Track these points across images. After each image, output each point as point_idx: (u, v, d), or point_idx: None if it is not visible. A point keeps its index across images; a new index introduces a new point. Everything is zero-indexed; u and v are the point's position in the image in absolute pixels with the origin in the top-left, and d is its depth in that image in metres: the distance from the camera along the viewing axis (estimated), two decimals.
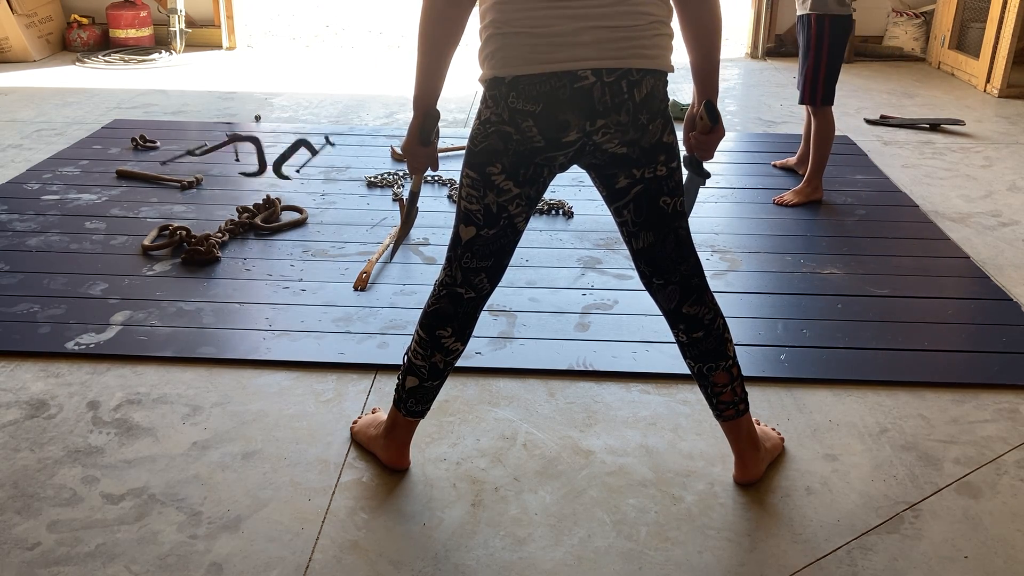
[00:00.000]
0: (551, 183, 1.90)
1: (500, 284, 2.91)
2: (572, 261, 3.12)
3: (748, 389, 2.36)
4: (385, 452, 2.07)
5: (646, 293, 2.86)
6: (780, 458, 2.11)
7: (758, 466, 2.03)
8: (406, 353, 2.00)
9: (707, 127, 1.95)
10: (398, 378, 2.02)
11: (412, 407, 2.00)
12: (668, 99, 1.82)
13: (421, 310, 1.96)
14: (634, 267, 1.98)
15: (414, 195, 2.12)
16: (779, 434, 2.17)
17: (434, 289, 1.94)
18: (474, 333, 2.60)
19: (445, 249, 1.95)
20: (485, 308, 2.74)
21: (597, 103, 1.72)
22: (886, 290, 2.92)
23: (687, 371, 2.43)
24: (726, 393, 1.97)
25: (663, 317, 2.02)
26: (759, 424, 2.16)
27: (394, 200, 3.64)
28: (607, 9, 1.71)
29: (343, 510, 1.94)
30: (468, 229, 1.85)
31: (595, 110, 1.72)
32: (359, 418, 2.20)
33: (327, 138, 4.26)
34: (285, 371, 2.46)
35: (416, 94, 1.87)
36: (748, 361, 2.50)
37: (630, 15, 1.72)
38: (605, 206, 2.01)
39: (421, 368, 1.96)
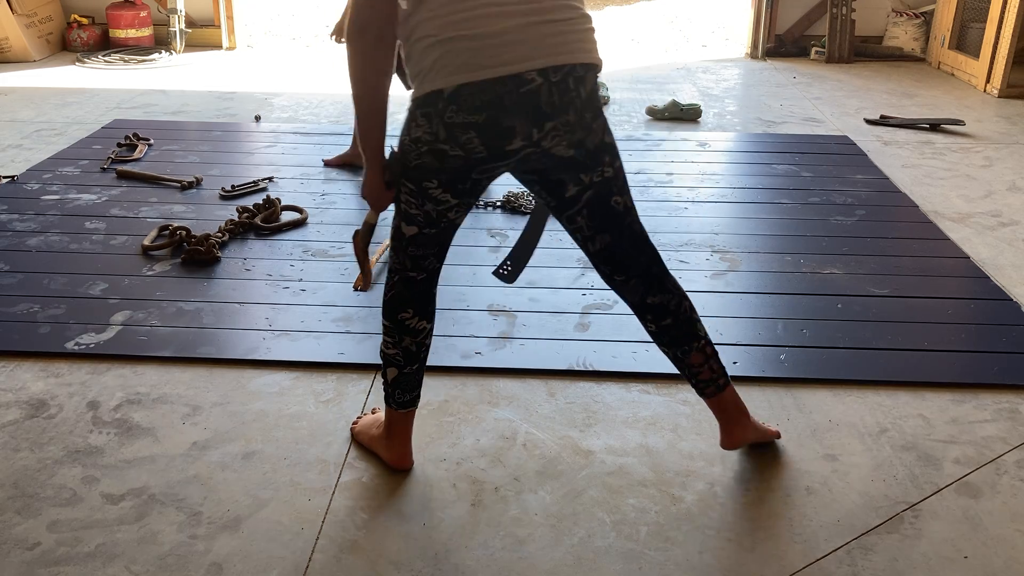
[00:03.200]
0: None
1: (500, 284, 2.93)
2: (572, 261, 3.12)
3: (748, 389, 2.37)
4: (387, 452, 2.07)
5: None
6: (777, 457, 2.11)
7: (745, 432, 2.04)
8: (380, 349, 2.01)
9: None
10: (381, 375, 2.03)
11: (400, 398, 2.01)
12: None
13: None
14: (596, 268, 1.97)
15: (370, 227, 2.01)
16: (776, 430, 2.18)
17: (387, 277, 1.96)
18: (474, 333, 2.62)
19: (390, 235, 1.94)
20: (485, 308, 2.77)
21: (544, 105, 1.68)
22: (886, 290, 2.92)
23: None
24: (704, 372, 1.98)
25: (632, 309, 2.00)
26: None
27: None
28: (543, 4, 1.68)
29: (343, 510, 1.94)
30: (410, 228, 1.85)
31: (542, 113, 1.68)
32: (359, 418, 2.20)
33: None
34: (285, 371, 2.46)
35: (366, 143, 1.79)
36: (748, 361, 2.50)
37: (563, 8, 1.70)
38: None
39: (396, 356, 1.97)
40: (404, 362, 1.98)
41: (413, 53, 1.71)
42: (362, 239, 2.03)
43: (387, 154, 1.82)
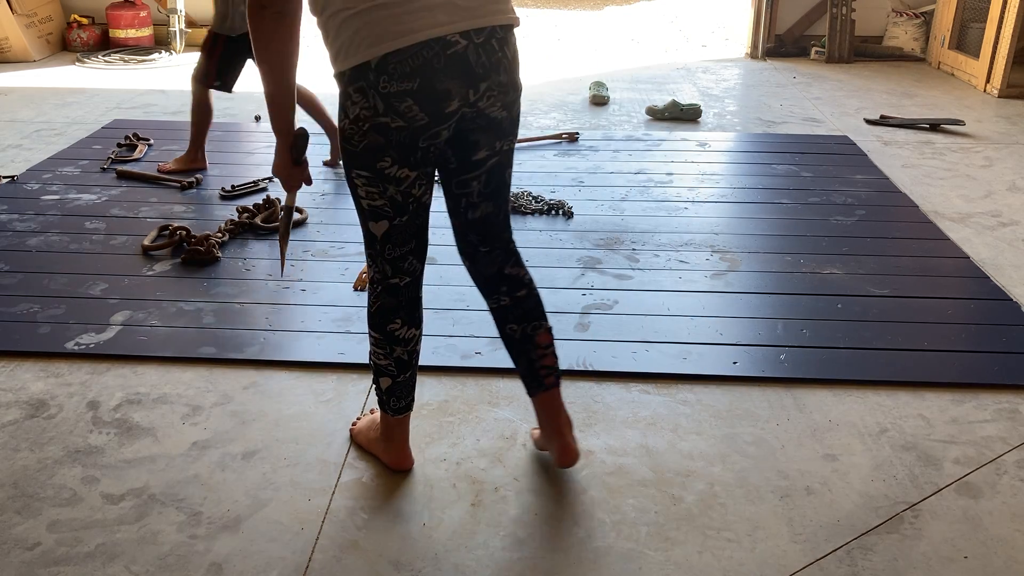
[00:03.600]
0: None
1: None
2: (572, 261, 3.12)
3: (748, 389, 2.37)
4: (387, 455, 2.07)
5: (646, 293, 2.88)
6: (777, 457, 2.11)
7: (576, 444, 2.02)
8: (370, 358, 2.00)
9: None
10: (374, 383, 2.02)
11: (395, 405, 2.01)
12: None
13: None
14: (457, 240, 1.97)
15: (289, 209, 2.06)
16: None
17: (369, 289, 1.93)
18: (474, 333, 2.62)
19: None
20: (485, 308, 2.75)
21: (476, 66, 1.69)
22: (886, 290, 2.92)
23: (687, 371, 2.44)
24: (548, 356, 1.98)
25: (482, 286, 2.00)
26: None
27: None
28: None
29: (343, 510, 1.94)
30: (380, 224, 1.83)
31: (475, 74, 1.69)
32: (358, 419, 2.20)
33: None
34: (285, 371, 2.46)
35: (274, 121, 1.82)
36: (748, 361, 2.50)
37: None
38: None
39: (388, 367, 1.96)
40: (397, 371, 1.97)
41: (329, 29, 1.69)
42: (283, 224, 2.06)
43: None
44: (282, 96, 1.79)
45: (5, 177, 3.85)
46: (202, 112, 3.93)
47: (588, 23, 8.73)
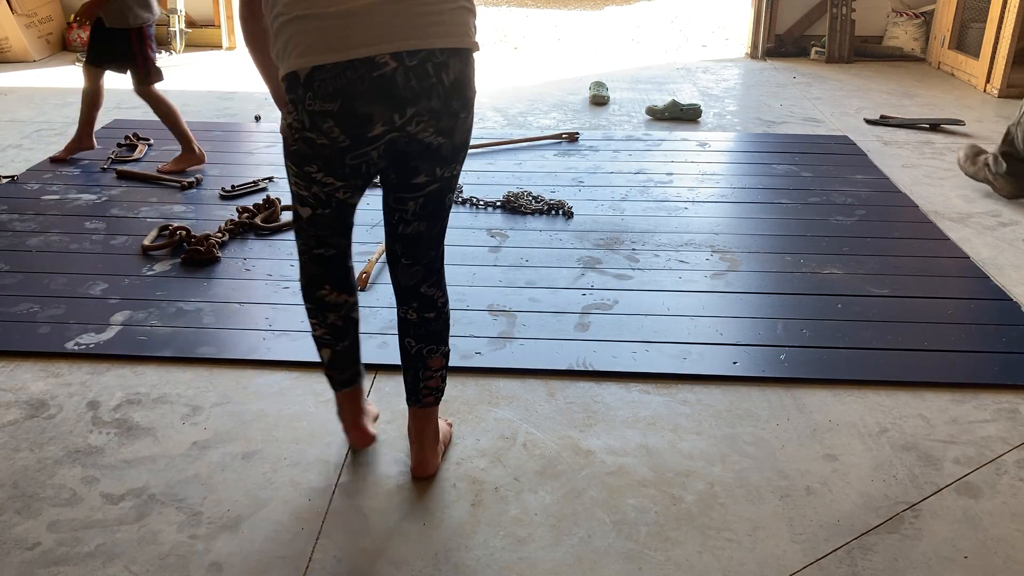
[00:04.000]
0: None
1: (500, 284, 2.93)
2: (572, 261, 3.12)
3: (748, 389, 2.37)
4: (346, 435, 2.10)
5: (646, 293, 2.88)
6: (777, 457, 2.11)
7: (436, 459, 2.04)
8: (312, 336, 2.04)
9: None
10: (320, 362, 2.06)
11: (339, 377, 2.04)
12: (475, 86, 1.76)
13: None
14: (385, 243, 1.97)
15: None
16: (448, 423, 2.19)
17: (299, 263, 1.97)
18: (474, 333, 2.62)
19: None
20: (485, 308, 2.77)
21: (403, 90, 1.63)
22: (886, 290, 2.92)
23: (687, 371, 2.44)
24: (434, 379, 1.98)
25: (397, 293, 1.98)
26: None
27: None
28: None
29: (343, 510, 1.94)
30: (305, 209, 1.85)
31: (402, 98, 1.64)
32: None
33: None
34: (285, 371, 2.46)
35: (273, 95, 1.95)
36: (748, 361, 2.50)
37: None
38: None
39: (325, 336, 2.00)
40: (334, 339, 2.00)
41: (272, 31, 1.71)
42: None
43: None
44: (269, 79, 1.93)
45: (5, 177, 3.85)
46: (94, 97, 4.06)
47: (588, 23, 8.73)
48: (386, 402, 2.30)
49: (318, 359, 2.49)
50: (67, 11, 6.70)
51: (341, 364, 2.03)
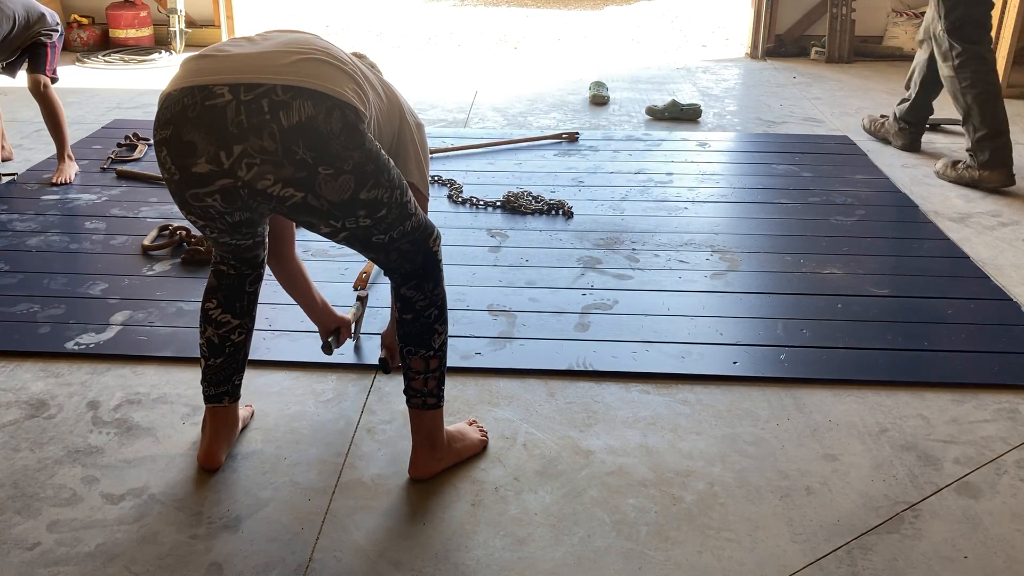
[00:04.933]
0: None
1: (500, 284, 2.93)
2: (572, 261, 3.12)
3: (748, 389, 2.37)
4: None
5: (646, 293, 2.88)
6: (777, 457, 2.11)
7: (428, 465, 2.01)
8: None
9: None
10: None
11: (206, 391, 2.04)
12: (363, 140, 1.65)
13: None
14: None
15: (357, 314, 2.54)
16: (483, 435, 2.14)
17: None
18: (474, 333, 2.62)
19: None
20: (485, 308, 2.77)
21: (230, 124, 1.56)
22: (886, 290, 2.92)
23: (687, 371, 2.45)
24: (417, 380, 1.95)
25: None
26: (471, 423, 2.16)
27: None
28: (288, 39, 1.67)
29: (343, 510, 1.94)
30: (197, 221, 1.81)
31: (228, 133, 1.56)
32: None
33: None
34: (285, 371, 2.46)
35: (313, 319, 2.36)
36: (748, 361, 2.50)
37: (306, 44, 1.67)
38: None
39: (202, 347, 2.01)
40: (208, 353, 2.01)
41: None
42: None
43: None
44: (307, 311, 2.35)
45: (6, 175, 3.85)
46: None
47: (588, 23, 8.73)
48: (386, 402, 2.30)
49: (318, 359, 2.50)
50: (67, 11, 6.70)
51: (209, 379, 2.03)
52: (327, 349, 2.34)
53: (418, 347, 1.93)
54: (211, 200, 1.68)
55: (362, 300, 2.62)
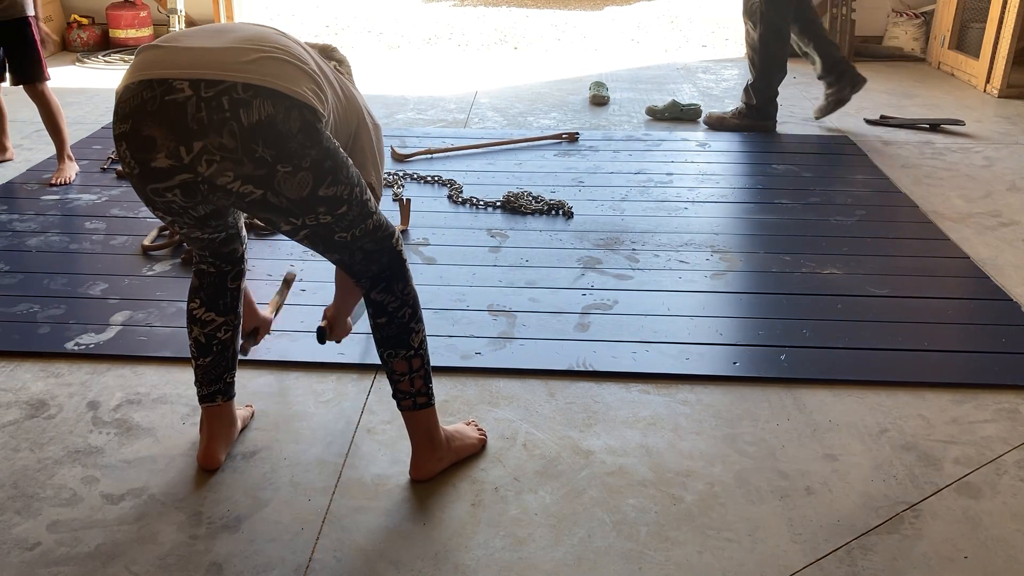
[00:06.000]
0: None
1: (500, 284, 2.93)
2: (572, 261, 3.12)
3: (748, 389, 2.37)
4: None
5: (646, 293, 2.88)
6: (777, 457, 2.11)
7: (429, 465, 2.01)
8: None
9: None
10: None
11: (199, 391, 2.05)
12: (321, 139, 1.65)
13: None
14: None
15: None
16: (481, 434, 2.14)
17: None
18: (474, 333, 2.62)
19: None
20: (485, 308, 2.77)
21: (191, 120, 1.56)
22: (886, 290, 2.92)
23: (687, 371, 2.45)
24: (403, 382, 1.95)
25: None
26: (469, 423, 2.16)
27: (394, 200, 3.65)
28: (247, 35, 1.66)
29: (343, 510, 1.94)
30: (166, 216, 1.80)
31: (188, 129, 1.56)
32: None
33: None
34: (285, 371, 2.46)
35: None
36: (748, 361, 2.50)
37: (266, 41, 1.66)
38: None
39: (191, 348, 2.03)
40: (197, 353, 2.02)
41: None
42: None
43: None
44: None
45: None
46: None
47: (588, 23, 8.73)
48: (386, 402, 2.30)
49: (318, 359, 2.50)
50: (67, 11, 6.70)
51: (201, 379, 2.04)
52: (242, 351, 2.27)
53: (398, 348, 1.92)
54: (171, 195, 1.68)
55: (287, 282, 2.57)
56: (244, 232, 2.04)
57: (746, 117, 4.72)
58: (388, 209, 3.58)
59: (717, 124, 4.77)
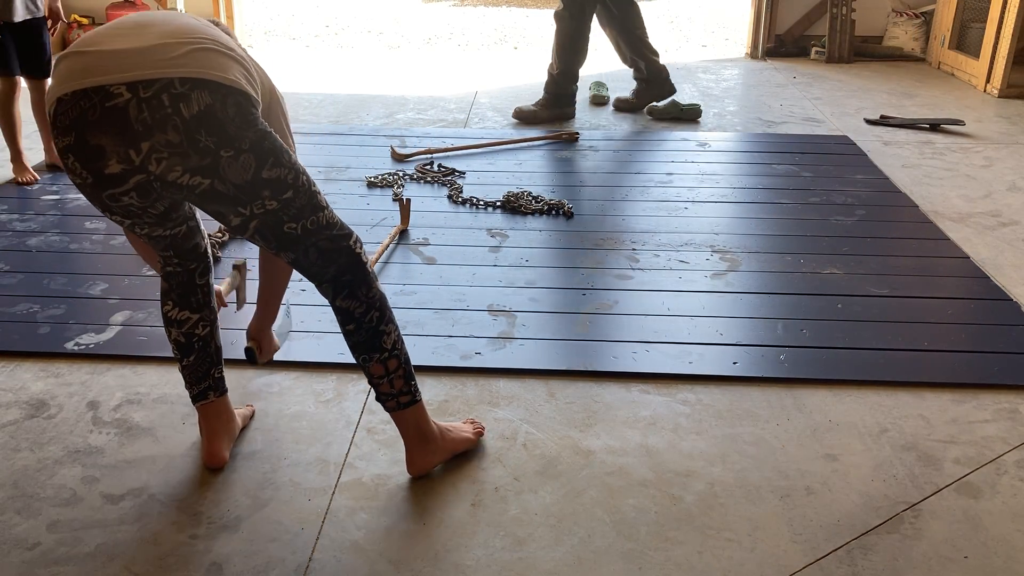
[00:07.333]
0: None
1: (500, 284, 2.93)
2: (572, 261, 3.12)
3: (748, 389, 2.37)
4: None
5: (646, 293, 2.88)
6: (777, 457, 2.11)
7: (425, 460, 2.01)
8: None
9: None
10: None
11: (191, 392, 2.07)
12: (256, 121, 1.68)
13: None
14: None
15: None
16: (475, 430, 2.13)
17: None
18: (474, 333, 2.62)
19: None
20: (485, 308, 2.77)
21: (135, 123, 1.57)
22: (886, 290, 2.92)
23: (687, 371, 2.45)
24: (383, 385, 1.94)
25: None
26: (467, 422, 2.16)
27: (394, 200, 3.64)
28: (170, 28, 1.65)
29: (343, 510, 1.94)
30: (123, 220, 1.81)
31: (134, 132, 1.58)
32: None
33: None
34: (285, 371, 2.46)
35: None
36: (748, 361, 2.50)
37: (197, 32, 1.66)
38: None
39: (174, 350, 2.05)
40: (179, 354, 2.04)
41: None
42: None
43: None
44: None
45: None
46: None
47: None
48: None
49: (318, 359, 2.50)
50: (67, 11, 6.70)
51: (188, 379, 2.06)
52: (248, 355, 2.25)
53: (371, 352, 1.91)
54: (128, 198, 1.69)
55: (239, 268, 2.53)
56: (202, 225, 2.05)
57: (644, 93, 5.05)
58: (388, 209, 3.58)
59: (529, 118, 4.85)
